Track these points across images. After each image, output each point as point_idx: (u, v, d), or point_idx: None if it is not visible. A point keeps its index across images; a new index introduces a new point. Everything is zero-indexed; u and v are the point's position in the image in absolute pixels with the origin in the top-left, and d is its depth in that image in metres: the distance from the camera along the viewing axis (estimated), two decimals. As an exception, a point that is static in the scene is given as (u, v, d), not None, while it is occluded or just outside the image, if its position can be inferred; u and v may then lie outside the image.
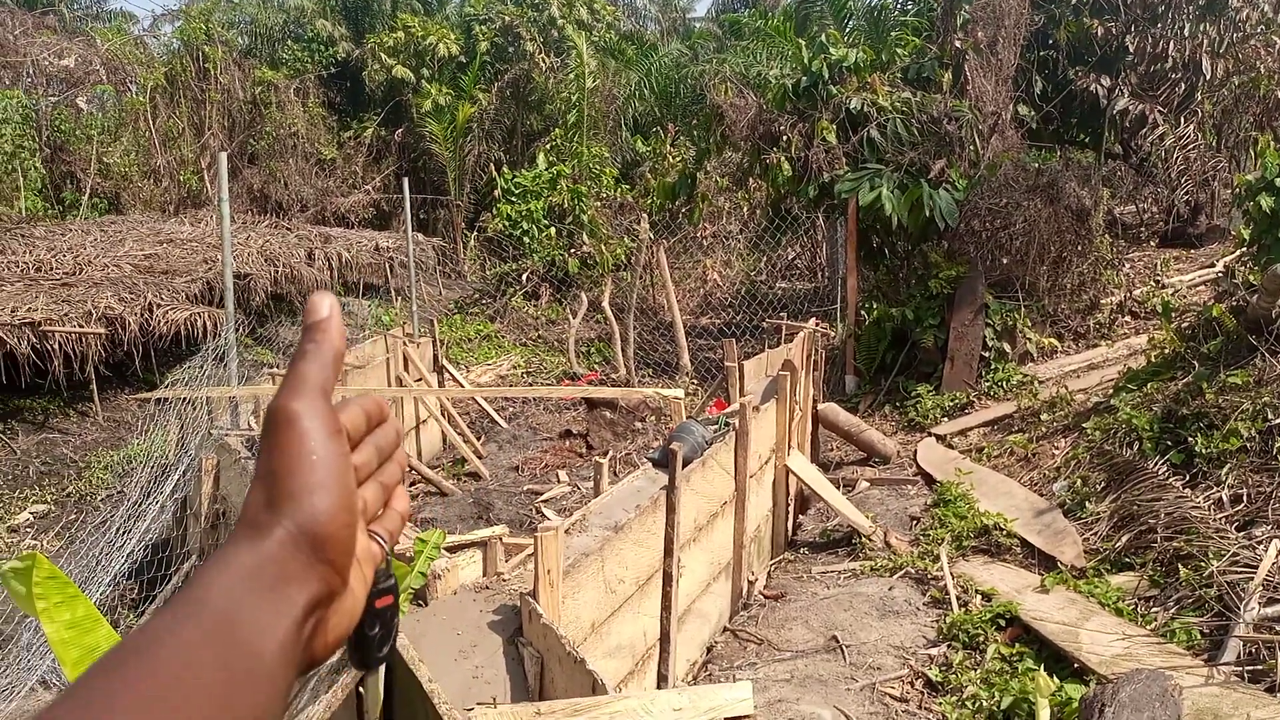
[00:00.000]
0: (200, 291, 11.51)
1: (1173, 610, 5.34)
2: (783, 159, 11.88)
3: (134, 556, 6.40)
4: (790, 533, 8.02)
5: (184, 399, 7.37)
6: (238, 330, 7.95)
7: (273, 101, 20.08)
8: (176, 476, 6.77)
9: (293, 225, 15.91)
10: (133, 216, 16.33)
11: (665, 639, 5.28)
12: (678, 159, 16.02)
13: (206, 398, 7.29)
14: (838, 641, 5.70)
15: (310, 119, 20.58)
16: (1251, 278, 7.78)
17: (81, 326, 9.93)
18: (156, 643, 0.51)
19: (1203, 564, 5.43)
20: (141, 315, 10.51)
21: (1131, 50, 12.44)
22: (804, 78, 12.27)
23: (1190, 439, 6.58)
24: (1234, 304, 7.49)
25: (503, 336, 15.49)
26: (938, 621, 5.80)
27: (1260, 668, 4.59)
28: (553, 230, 16.86)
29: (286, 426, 0.60)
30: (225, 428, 6.99)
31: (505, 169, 18.20)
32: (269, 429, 0.61)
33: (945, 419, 9.74)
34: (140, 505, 6.69)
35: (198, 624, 0.53)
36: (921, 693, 5.16)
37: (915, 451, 9.06)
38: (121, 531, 6.43)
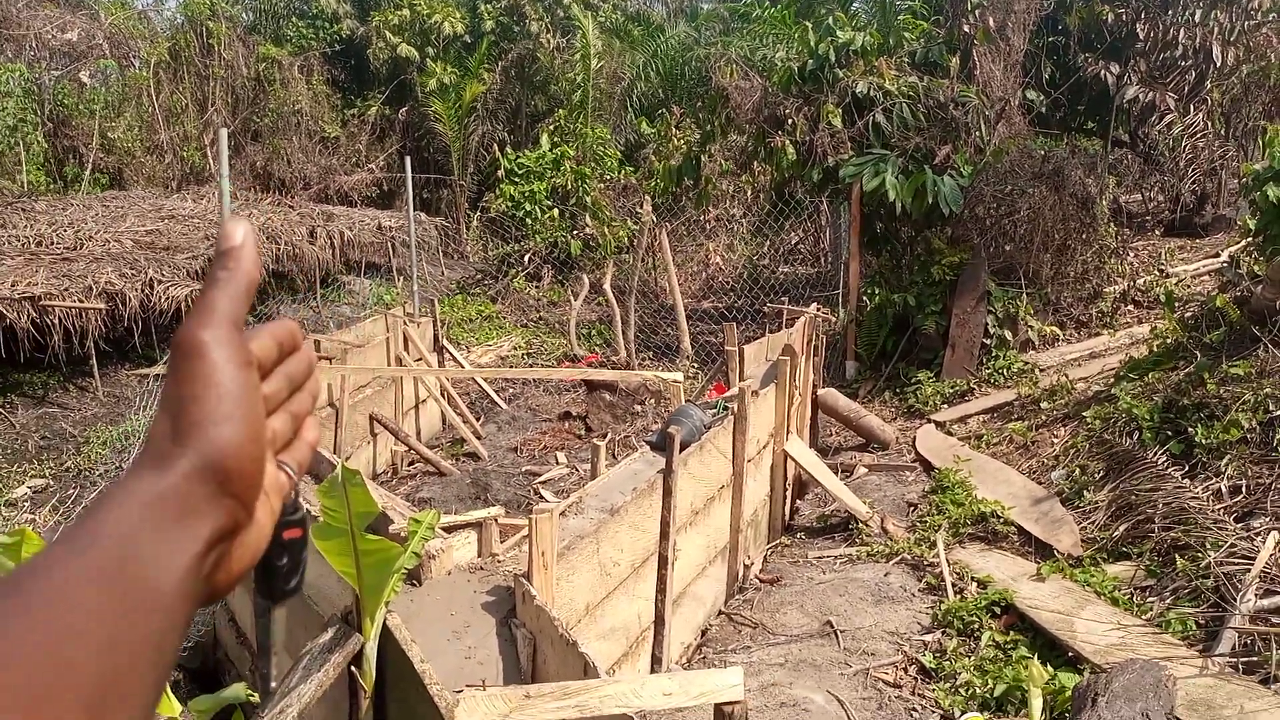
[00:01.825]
0: (201, 268, 11.48)
1: (1169, 600, 5.33)
2: (787, 142, 11.81)
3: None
4: (787, 517, 8.01)
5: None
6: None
7: (276, 78, 19.97)
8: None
9: (295, 203, 15.84)
10: (135, 192, 16.26)
11: (660, 622, 5.27)
12: (682, 141, 15.93)
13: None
14: (832, 626, 5.71)
15: (314, 96, 20.47)
16: (1256, 268, 7.73)
17: (82, 301, 9.92)
18: (45, 573, 0.50)
19: (1200, 555, 5.42)
20: (142, 291, 10.49)
21: (1141, 37, 12.31)
22: (810, 61, 12.18)
23: (1190, 429, 6.56)
24: (1238, 294, 7.45)
25: (504, 317, 15.46)
26: (933, 608, 5.80)
27: (1255, 659, 4.58)
28: (555, 212, 16.80)
29: (194, 356, 0.59)
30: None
31: (509, 149, 18.11)
32: (176, 358, 0.59)
33: (945, 406, 9.72)
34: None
35: (91, 556, 0.52)
36: (915, 679, 5.16)
37: (914, 438, 9.04)
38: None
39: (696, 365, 12.64)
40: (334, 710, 4.16)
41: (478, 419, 11.23)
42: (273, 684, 3.57)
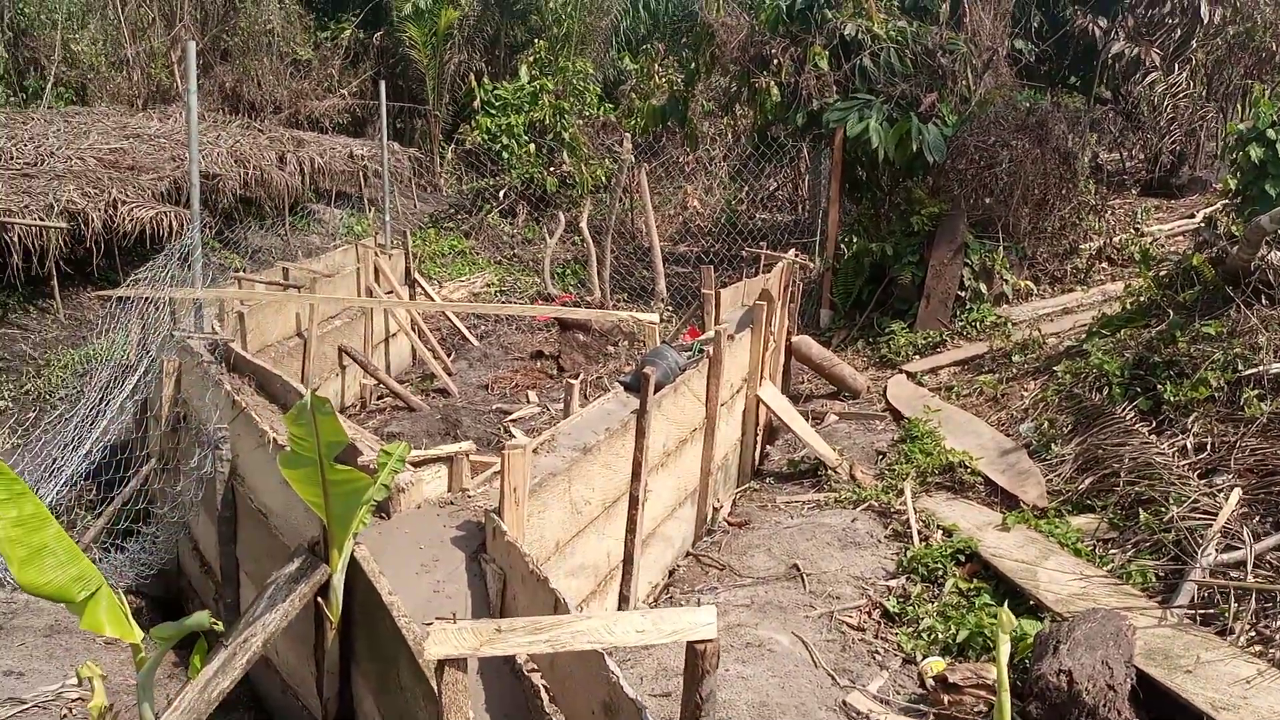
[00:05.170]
0: (167, 190, 11.15)
1: (1130, 553, 5.42)
2: (772, 84, 11.62)
3: (92, 457, 6.28)
4: (757, 462, 8.05)
5: (147, 299, 7.16)
6: (204, 231, 7.70)
7: (248, -5, 19.27)
8: (137, 378, 6.61)
9: (265, 127, 15.40)
10: (98, 109, 15.70)
11: (629, 561, 5.29)
12: (664, 80, 15.62)
13: (170, 299, 7.09)
14: (798, 570, 5.75)
15: (286, 16, 19.77)
16: (1234, 229, 7.74)
17: (43, 220, 9.62)
18: None
19: (1163, 509, 5.50)
20: (105, 211, 10.19)
21: (1131, -9, 12.19)
22: (798, 0, 11.93)
23: (1160, 386, 6.61)
24: (1214, 254, 7.46)
25: (477, 253, 15.25)
26: (898, 554, 5.86)
27: (1213, 611, 4.68)
28: (532, 146, 16.50)
29: None
30: (188, 330, 6.82)
31: (486, 80, 17.69)
32: None
33: (917, 356, 9.75)
34: (100, 406, 6.54)
35: None
36: (878, 623, 5.22)
37: (885, 388, 9.07)
38: (79, 431, 6.30)
39: (671, 308, 12.57)
40: (299, 641, 4.13)
41: (449, 355, 11.12)
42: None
